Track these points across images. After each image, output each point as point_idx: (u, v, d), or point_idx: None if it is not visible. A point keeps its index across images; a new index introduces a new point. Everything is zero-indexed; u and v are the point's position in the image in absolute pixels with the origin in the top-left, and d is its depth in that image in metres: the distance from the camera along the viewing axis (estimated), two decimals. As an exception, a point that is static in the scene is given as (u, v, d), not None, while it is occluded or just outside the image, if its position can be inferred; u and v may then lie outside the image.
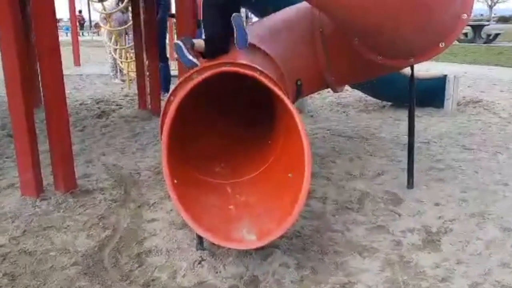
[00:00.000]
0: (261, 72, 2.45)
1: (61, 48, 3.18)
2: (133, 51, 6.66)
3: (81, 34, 26.30)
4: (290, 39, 3.20)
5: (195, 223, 2.03)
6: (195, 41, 2.63)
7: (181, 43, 2.53)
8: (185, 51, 2.51)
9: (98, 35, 28.81)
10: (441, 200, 2.95)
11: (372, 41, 2.69)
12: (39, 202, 2.91)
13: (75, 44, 11.43)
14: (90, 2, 7.23)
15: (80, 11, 32.20)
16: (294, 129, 2.31)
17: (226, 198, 2.50)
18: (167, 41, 7.46)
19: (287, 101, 2.33)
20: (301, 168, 2.18)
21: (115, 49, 7.58)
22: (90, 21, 36.47)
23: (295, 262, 2.27)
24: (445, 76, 5.82)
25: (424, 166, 3.56)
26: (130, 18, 7.48)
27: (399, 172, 3.43)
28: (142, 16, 6.00)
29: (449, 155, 3.88)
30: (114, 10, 6.88)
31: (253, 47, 2.86)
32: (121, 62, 7.73)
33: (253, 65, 2.48)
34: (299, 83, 3.20)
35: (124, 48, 7.44)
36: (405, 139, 4.31)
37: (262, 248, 2.33)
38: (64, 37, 21.28)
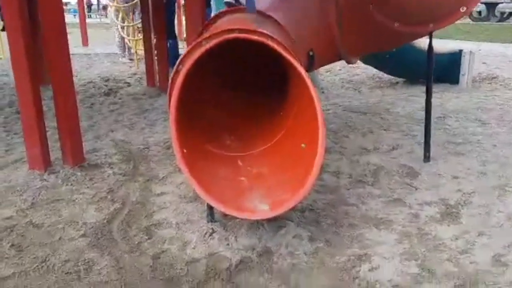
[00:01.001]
0: (272, 39, 2.35)
1: (69, 30, 3.11)
2: (140, 29, 6.57)
3: (88, 16, 26.14)
4: (301, 7, 3.08)
5: (205, 193, 1.96)
6: None
7: None
8: None
9: (106, 17, 28.71)
10: (459, 173, 2.85)
11: (389, 6, 2.57)
12: (47, 176, 2.86)
13: (83, 24, 11.33)
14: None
15: (88, -9, 31.98)
16: (307, 97, 2.21)
17: (237, 170, 2.42)
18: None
19: (300, 68, 2.22)
20: (315, 137, 2.09)
21: (123, 27, 7.47)
22: (98, 3, 36.34)
23: (308, 234, 2.20)
24: (461, 51, 5.66)
25: (441, 140, 3.45)
26: None
27: (415, 146, 3.33)
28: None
29: (467, 129, 3.76)
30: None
31: (263, 15, 2.75)
32: (129, 40, 7.63)
33: (264, 31, 2.38)
34: (311, 53, 3.09)
35: (131, 26, 7.33)
36: (420, 114, 4.22)
37: (274, 220, 2.27)
38: (71, 19, 21.20)
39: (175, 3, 6.83)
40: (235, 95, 2.94)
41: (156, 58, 5.71)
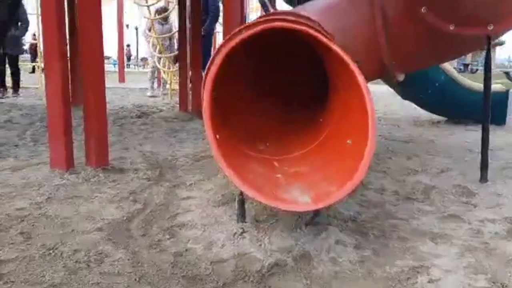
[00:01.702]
0: (317, 30, 2.18)
1: (108, 76, 3.09)
2: (177, 64, 6.60)
3: (127, 66, 27.04)
4: (345, 15, 2.93)
5: (240, 179, 1.72)
6: None
7: None
8: None
9: (144, 67, 29.63)
10: (523, 195, 2.52)
11: (445, 4, 2.38)
12: (68, 175, 2.68)
13: (121, 62, 11.60)
14: (138, 7, 7.26)
15: (128, 45, 33.41)
16: (353, 90, 2.01)
17: (273, 169, 2.19)
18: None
19: (346, 57, 2.02)
20: (363, 130, 1.86)
21: (159, 59, 7.54)
22: (137, 54, 37.76)
23: (353, 242, 1.90)
24: (507, 90, 5.37)
25: (496, 166, 3.12)
26: (170, 29, 7.53)
27: (467, 169, 3.02)
28: (188, 26, 5.95)
29: (522, 159, 3.42)
30: (154, 18, 6.91)
31: (307, 19, 2.61)
32: (164, 71, 7.67)
33: (308, 22, 2.23)
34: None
35: (167, 57, 7.38)
36: (468, 144, 3.94)
37: (314, 223, 2.00)
38: (111, 68, 22.03)
39: (212, 36, 6.88)
40: (270, 101, 2.76)
41: (190, 85, 5.65)
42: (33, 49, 12.06)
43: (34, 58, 12.73)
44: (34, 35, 12.19)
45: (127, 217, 2.16)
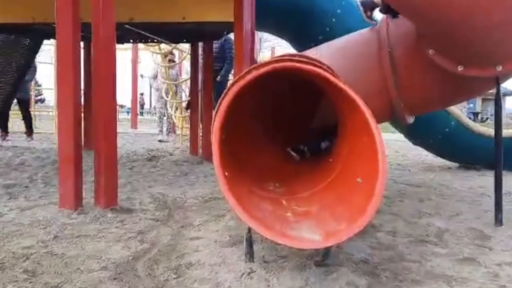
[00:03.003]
0: (326, 71, 2.22)
1: (121, 123, 3.16)
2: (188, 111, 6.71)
3: (140, 114, 27.51)
4: (355, 59, 2.99)
5: (247, 215, 1.69)
6: None
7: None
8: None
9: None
10: (540, 238, 2.44)
11: (452, 45, 2.41)
12: (76, 215, 2.67)
13: (134, 109, 11.82)
14: (152, 55, 7.46)
15: (141, 94, 34.17)
16: (362, 128, 2.01)
17: (282, 208, 2.15)
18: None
19: (356, 97, 2.04)
20: (373, 168, 1.84)
21: (171, 104, 7.67)
22: (150, 102, 38.58)
23: (365, 284, 1.84)
24: (519, 135, 5.32)
25: (511, 209, 3.05)
26: (177, 73, 7.70)
27: (481, 213, 2.95)
28: (200, 73, 6.09)
29: (538, 203, 3.34)
30: (168, 64, 7.08)
31: (317, 61, 2.66)
32: (175, 117, 7.78)
33: (318, 62, 2.26)
34: (364, 108, 2.93)
35: (180, 102, 7.50)
36: (481, 189, 3.87)
37: (324, 264, 1.94)
38: (125, 116, 22.47)
39: (227, 84, 7.02)
40: (282, 138, 2.77)
41: (201, 130, 5.70)
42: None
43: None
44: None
45: (134, 257, 2.12)
